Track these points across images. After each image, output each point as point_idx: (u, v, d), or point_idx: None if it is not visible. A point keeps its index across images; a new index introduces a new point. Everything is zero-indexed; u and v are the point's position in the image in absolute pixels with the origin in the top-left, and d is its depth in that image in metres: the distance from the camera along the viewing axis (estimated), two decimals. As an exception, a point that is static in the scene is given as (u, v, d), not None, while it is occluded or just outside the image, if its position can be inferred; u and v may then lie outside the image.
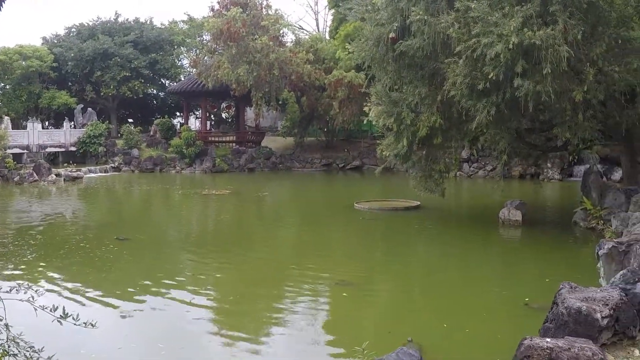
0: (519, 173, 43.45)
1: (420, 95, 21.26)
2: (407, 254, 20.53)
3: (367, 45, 22.13)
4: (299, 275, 16.74)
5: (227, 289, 15.50)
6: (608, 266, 13.37)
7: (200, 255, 19.55)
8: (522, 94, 17.55)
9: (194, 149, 51.97)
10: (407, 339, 11.18)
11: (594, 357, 7.10)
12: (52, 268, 17.21)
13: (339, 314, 13.69)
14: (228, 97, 56.51)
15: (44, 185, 41.73)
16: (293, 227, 26.16)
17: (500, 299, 14.58)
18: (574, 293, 8.92)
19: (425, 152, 24.17)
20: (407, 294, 15.66)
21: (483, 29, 17.59)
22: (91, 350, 10.61)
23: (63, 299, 13.75)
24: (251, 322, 12.82)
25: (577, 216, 23.82)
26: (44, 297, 9.71)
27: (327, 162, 55.30)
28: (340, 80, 49.13)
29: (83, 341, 10.70)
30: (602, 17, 19.14)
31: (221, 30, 48.28)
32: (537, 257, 19.21)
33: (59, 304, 6.29)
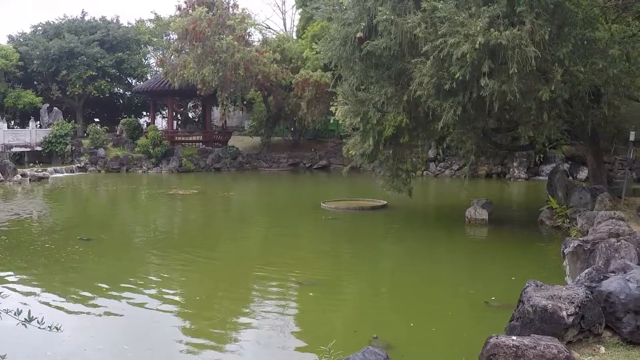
0: (486, 172, 43.66)
1: (386, 94, 21.28)
2: (373, 253, 20.54)
3: (334, 45, 22.12)
4: (266, 275, 16.69)
5: (193, 290, 15.43)
6: (574, 264, 13.49)
7: (166, 255, 19.40)
8: (488, 94, 17.61)
9: (160, 148, 51.79)
10: (373, 336, 11.22)
11: (559, 354, 7.14)
12: (18, 270, 17.08)
13: (306, 314, 13.67)
14: (194, 96, 56.27)
15: (9, 185, 41.36)
16: (260, 227, 26.06)
17: (467, 297, 14.64)
18: (540, 291, 8.97)
19: (392, 151, 24.22)
20: (374, 293, 15.68)
21: (450, 29, 17.63)
22: (57, 353, 10.53)
23: (29, 301, 13.63)
24: (218, 323, 12.77)
25: (543, 215, 23.99)
26: (8, 299, 9.61)
27: (294, 162, 55.31)
28: (307, 80, 49.12)
29: (49, 344, 10.63)
30: (569, 18, 19.27)
31: (187, 29, 48.09)
32: (503, 256, 19.31)
33: (24, 307, 6.23)
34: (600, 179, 25.51)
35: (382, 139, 22.19)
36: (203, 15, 47.93)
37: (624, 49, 19.92)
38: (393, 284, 16.46)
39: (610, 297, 8.90)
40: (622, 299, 8.80)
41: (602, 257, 12.64)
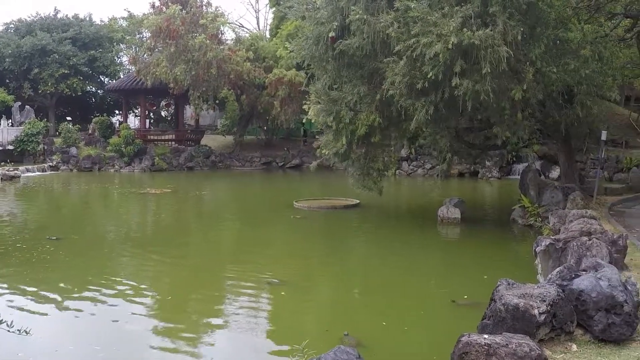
0: (458, 171, 43.80)
1: (359, 94, 21.30)
2: (346, 252, 20.58)
3: (307, 44, 22.10)
4: (238, 275, 16.68)
5: (165, 290, 15.36)
6: (545, 263, 13.53)
7: (138, 255, 19.35)
8: (461, 93, 17.65)
9: (132, 147, 51.57)
10: (344, 333, 11.24)
11: (531, 352, 7.16)
12: (-12, 270, 16.94)
13: (278, 313, 13.67)
14: (167, 95, 56.00)
15: (-20, 184, 41.13)
16: (232, 226, 26.01)
17: (439, 296, 14.67)
18: (512, 289, 8.99)
19: (364, 150, 24.22)
20: (346, 292, 15.67)
21: (422, 29, 17.64)
22: (28, 354, 10.46)
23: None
24: (190, 323, 12.75)
25: (516, 214, 24.10)
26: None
27: (266, 161, 55.39)
28: (281, 79, 49.09)
29: (20, 345, 10.53)
30: (541, 18, 19.36)
31: (160, 27, 47.94)
32: (475, 255, 19.36)
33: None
34: (572, 178, 25.65)
35: (355, 138, 22.18)
36: (177, 14, 47.82)
37: (596, 49, 20.09)
38: (365, 283, 16.46)
39: (582, 296, 8.94)
40: (593, 297, 8.84)
41: (574, 256, 12.69)
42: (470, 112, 19.86)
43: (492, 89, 17.60)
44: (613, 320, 8.64)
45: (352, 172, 25.55)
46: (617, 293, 8.85)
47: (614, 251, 13.11)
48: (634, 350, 8.46)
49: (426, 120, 19.46)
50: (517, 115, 19.47)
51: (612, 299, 8.77)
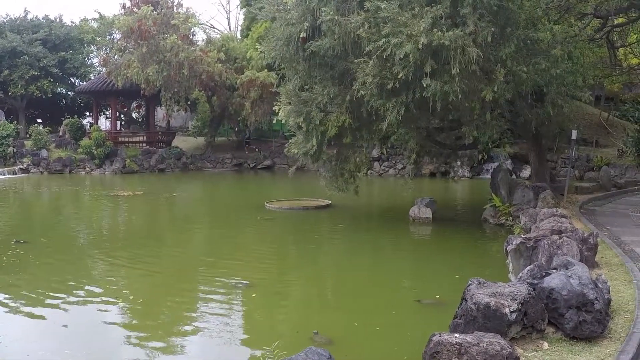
0: (430, 171, 43.79)
1: (329, 94, 21.26)
2: (317, 253, 20.58)
3: (278, 45, 22.04)
4: (209, 277, 16.67)
5: (136, 293, 15.21)
6: (516, 261, 13.58)
7: (109, 258, 19.13)
8: (431, 94, 17.68)
9: (103, 149, 51.18)
10: (313, 332, 11.24)
11: (502, 351, 7.18)
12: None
13: (250, 315, 13.66)
14: (138, 96, 55.76)
15: (-51, 187, 40.74)
16: (203, 228, 25.94)
17: (411, 296, 14.67)
18: (483, 288, 9.01)
19: (335, 151, 24.23)
20: (318, 293, 15.70)
21: (393, 29, 17.64)
22: (-1, 358, 10.39)
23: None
24: (161, 326, 12.71)
25: (487, 213, 24.18)
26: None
27: (238, 162, 55.15)
28: (253, 80, 49.01)
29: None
30: (511, 19, 19.44)
31: (132, 28, 47.70)
32: (447, 254, 19.41)
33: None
34: (543, 177, 25.78)
35: (326, 139, 22.17)
36: (149, 14, 47.60)
37: (566, 49, 20.17)
38: (337, 284, 16.49)
39: (553, 294, 8.98)
40: (564, 295, 8.89)
41: (545, 254, 12.74)
42: (441, 112, 19.92)
43: (461, 90, 17.65)
44: (584, 318, 8.70)
45: (324, 173, 25.52)
46: (587, 291, 8.90)
47: (585, 249, 13.18)
48: (605, 347, 8.52)
49: (397, 120, 19.47)
50: (486, 115, 19.52)
51: (583, 296, 8.83)
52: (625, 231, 18.78)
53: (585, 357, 8.19)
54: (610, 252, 15.13)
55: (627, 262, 13.97)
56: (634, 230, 19.11)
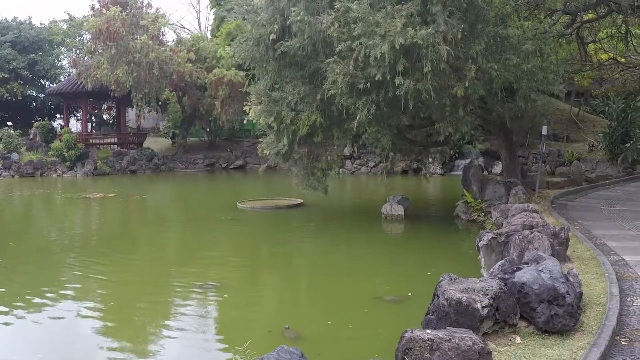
0: (402, 169, 43.86)
1: (300, 94, 21.25)
2: (289, 252, 20.56)
3: (248, 45, 22.01)
4: (181, 279, 16.62)
5: (108, 295, 15.16)
6: (488, 257, 13.61)
7: (81, 261, 19.03)
8: (403, 93, 17.69)
9: (74, 151, 50.83)
10: (285, 327, 11.25)
11: (474, 346, 7.19)
12: None
13: (222, 315, 13.64)
14: (109, 98, 55.31)
15: None
16: (175, 229, 25.84)
17: (383, 293, 14.68)
18: (454, 284, 9.02)
19: (307, 150, 24.20)
20: (290, 292, 15.70)
21: (364, 29, 17.64)
22: (-31, 364, 10.30)
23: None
24: (134, 328, 12.67)
25: (459, 209, 24.27)
26: None
27: (210, 163, 54.98)
28: (221, 78, 48.86)
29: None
30: (481, 16, 19.52)
31: (101, 29, 47.41)
32: (419, 251, 19.48)
33: None
34: (514, 172, 25.87)
35: (297, 138, 22.15)
36: (117, 15, 47.32)
37: (537, 45, 20.24)
38: (309, 282, 16.51)
39: (524, 288, 9.01)
40: (535, 289, 8.92)
41: (516, 249, 12.80)
42: (412, 109, 19.92)
43: (433, 87, 17.69)
44: (556, 312, 8.74)
45: (295, 172, 25.51)
46: (558, 285, 8.94)
47: (556, 244, 13.25)
48: (577, 340, 8.56)
49: (368, 119, 19.48)
50: (458, 112, 19.55)
51: (554, 290, 8.87)
52: (597, 225, 18.91)
53: (558, 350, 8.22)
54: (582, 246, 15.22)
55: (599, 255, 14.07)
56: (605, 224, 19.23)
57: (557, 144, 44.36)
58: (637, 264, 13.48)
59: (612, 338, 8.66)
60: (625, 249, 15.18)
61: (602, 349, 8.13)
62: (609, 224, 19.17)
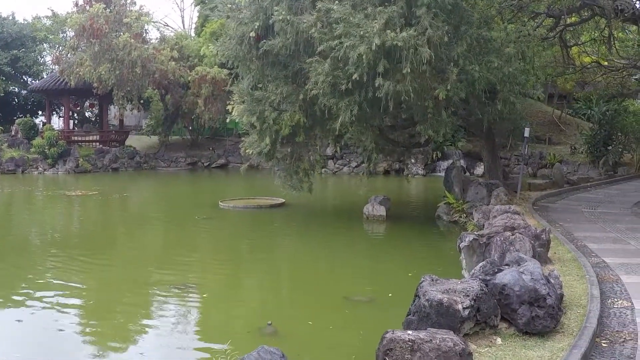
0: (384, 169, 43.87)
1: (283, 93, 21.24)
2: (271, 252, 20.53)
3: (231, 43, 21.96)
4: (162, 278, 16.52)
5: (89, 294, 15.09)
6: (470, 258, 13.63)
7: (62, 259, 18.95)
8: (383, 94, 17.71)
9: (56, 149, 50.55)
10: (267, 323, 11.27)
11: (455, 347, 7.20)
12: None
13: (202, 315, 13.60)
14: (91, 95, 54.94)
15: None
16: (155, 228, 25.69)
17: (364, 294, 14.69)
18: (435, 285, 9.04)
19: (289, 149, 24.16)
20: (271, 292, 15.65)
21: (345, 30, 17.66)
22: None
23: None
24: (114, 327, 12.61)
25: (441, 210, 24.31)
26: None
27: (192, 161, 54.81)
28: (204, 76, 48.74)
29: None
30: (465, 18, 19.57)
31: (84, 26, 47.21)
32: (400, 252, 19.48)
33: None
34: (496, 174, 25.94)
35: (279, 137, 22.13)
36: (100, 12, 47.13)
37: (520, 48, 20.30)
38: (290, 283, 16.51)
39: (505, 290, 9.04)
40: (516, 291, 8.95)
41: (498, 251, 12.82)
42: (394, 110, 19.96)
43: (414, 89, 17.74)
44: (537, 313, 8.76)
45: (278, 172, 25.46)
46: (539, 286, 8.97)
47: (537, 245, 13.30)
48: (558, 342, 8.59)
49: (350, 119, 19.48)
50: (440, 114, 19.57)
51: (535, 292, 8.89)
52: (578, 227, 19.01)
53: (539, 352, 8.24)
54: (563, 248, 15.28)
55: (580, 257, 14.13)
56: (586, 226, 19.32)
57: (539, 146, 44.54)
58: (617, 266, 13.57)
59: (592, 340, 8.69)
60: (606, 251, 15.27)
61: (582, 351, 8.15)
62: (590, 226, 19.27)
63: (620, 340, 8.99)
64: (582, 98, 48.26)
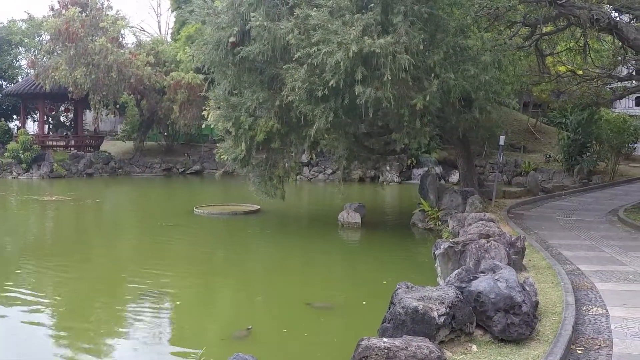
0: (359, 176, 43.90)
1: (259, 99, 21.24)
2: (245, 259, 20.45)
3: (207, 48, 21.91)
4: (136, 285, 16.38)
5: (63, 300, 14.95)
6: (445, 266, 13.64)
7: (35, 265, 18.79)
8: (363, 100, 17.71)
9: (30, 153, 50.33)
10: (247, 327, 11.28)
11: (430, 354, 7.19)
12: None
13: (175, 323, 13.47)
14: (67, 99, 54.87)
15: None
16: (131, 234, 25.53)
17: (339, 301, 14.68)
18: (411, 292, 9.02)
19: (265, 156, 24.12)
20: (246, 299, 15.56)
21: (323, 37, 17.67)
22: None
23: None
24: (90, 334, 12.49)
25: (416, 218, 24.31)
26: None
27: (167, 167, 54.66)
28: (179, 81, 48.66)
29: None
30: (441, 26, 19.62)
31: (60, 30, 47.03)
32: (375, 259, 19.46)
33: None
34: (471, 181, 26.00)
35: (255, 143, 22.09)
36: (76, 16, 46.97)
37: (496, 57, 20.35)
38: (264, 290, 16.42)
39: (480, 297, 9.03)
40: (492, 298, 8.95)
41: (473, 258, 12.84)
42: (370, 118, 19.96)
43: (393, 96, 17.73)
44: (512, 321, 8.77)
45: (253, 179, 25.39)
46: (515, 294, 8.97)
47: (512, 253, 13.32)
48: (534, 349, 8.60)
49: (326, 126, 19.48)
50: (416, 122, 19.57)
51: (511, 299, 8.90)
52: (553, 235, 19.09)
53: (514, 359, 8.26)
54: (538, 255, 15.32)
55: (555, 265, 14.16)
56: (561, 233, 19.39)
57: (514, 154, 44.77)
58: (592, 274, 13.61)
59: (567, 347, 8.70)
60: (581, 259, 15.32)
61: (558, 358, 8.16)
62: (565, 234, 19.34)
63: (595, 347, 9.00)
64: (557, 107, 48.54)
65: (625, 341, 9.23)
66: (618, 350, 8.85)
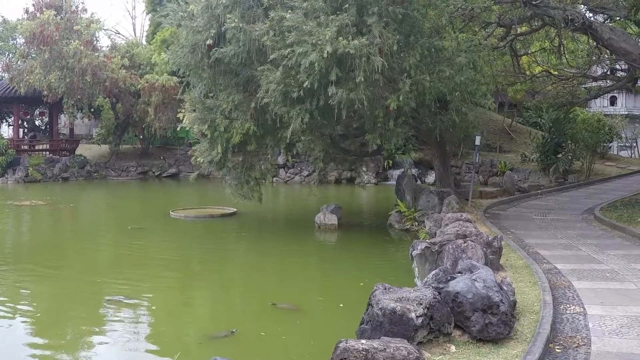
0: (335, 178, 43.96)
1: (234, 102, 21.18)
2: (222, 262, 20.41)
3: (183, 52, 21.84)
4: (109, 291, 16.23)
5: (39, 307, 14.85)
6: (422, 266, 13.63)
7: (9, 271, 18.65)
8: (336, 102, 17.71)
9: (5, 158, 50.00)
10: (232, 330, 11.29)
11: (409, 355, 7.17)
12: None
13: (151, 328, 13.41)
14: (42, 103, 54.47)
15: None
16: (107, 239, 25.34)
17: (316, 303, 14.67)
18: (388, 294, 9.01)
19: (241, 158, 24.07)
20: (222, 303, 15.53)
21: (298, 38, 17.66)
22: None
23: None
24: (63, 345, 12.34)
25: (392, 219, 24.34)
26: None
27: (143, 170, 54.44)
28: (154, 84, 48.47)
29: None
30: (416, 27, 19.68)
31: (34, 33, 46.73)
32: (352, 260, 19.45)
33: None
34: (448, 182, 26.05)
35: (230, 146, 22.03)
36: (51, 19, 46.68)
37: (471, 57, 20.38)
38: (241, 293, 16.42)
39: (458, 297, 9.04)
40: (469, 298, 8.95)
41: (450, 258, 12.84)
42: (345, 119, 19.99)
43: (366, 97, 17.73)
44: (490, 320, 8.77)
45: (229, 181, 25.32)
46: (492, 294, 8.98)
47: (490, 253, 13.34)
48: (512, 348, 8.62)
49: (302, 128, 19.48)
50: (390, 123, 19.58)
51: (488, 299, 8.90)
52: (529, 234, 19.15)
53: (492, 358, 8.26)
54: (515, 255, 15.37)
55: (532, 264, 14.21)
56: (537, 233, 19.46)
57: (490, 154, 44.83)
58: (569, 272, 13.66)
59: (546, 346, 8.71)
60: (557, 258, 15.38)
61: (536, 357, 8.16)
62: (541, 233, 19.40)
63: (573, 345, 9.02)
64: (532, 107, 48.71)
65: (603, 339, 9.25)
66: (596, 349, 8.88)
